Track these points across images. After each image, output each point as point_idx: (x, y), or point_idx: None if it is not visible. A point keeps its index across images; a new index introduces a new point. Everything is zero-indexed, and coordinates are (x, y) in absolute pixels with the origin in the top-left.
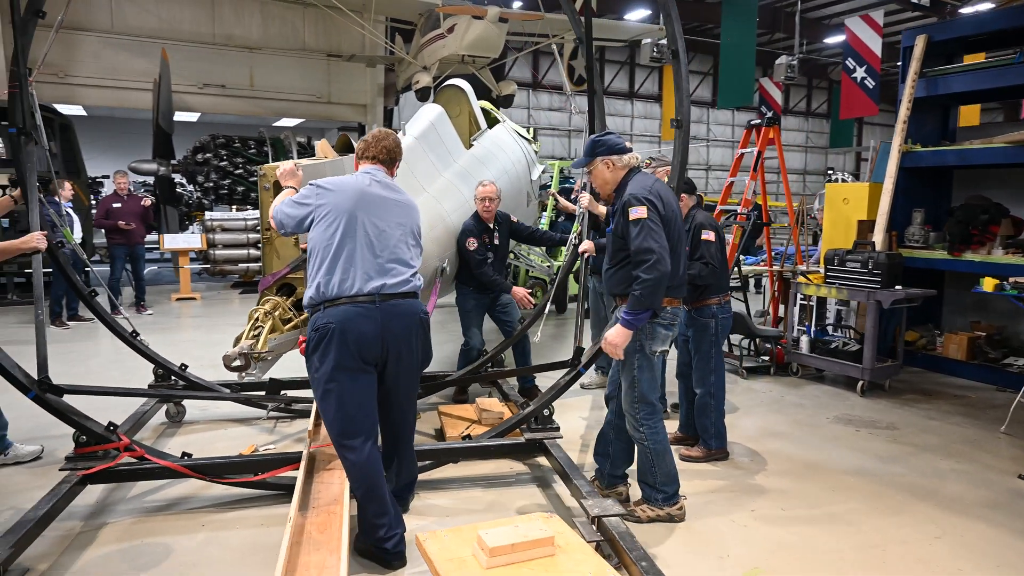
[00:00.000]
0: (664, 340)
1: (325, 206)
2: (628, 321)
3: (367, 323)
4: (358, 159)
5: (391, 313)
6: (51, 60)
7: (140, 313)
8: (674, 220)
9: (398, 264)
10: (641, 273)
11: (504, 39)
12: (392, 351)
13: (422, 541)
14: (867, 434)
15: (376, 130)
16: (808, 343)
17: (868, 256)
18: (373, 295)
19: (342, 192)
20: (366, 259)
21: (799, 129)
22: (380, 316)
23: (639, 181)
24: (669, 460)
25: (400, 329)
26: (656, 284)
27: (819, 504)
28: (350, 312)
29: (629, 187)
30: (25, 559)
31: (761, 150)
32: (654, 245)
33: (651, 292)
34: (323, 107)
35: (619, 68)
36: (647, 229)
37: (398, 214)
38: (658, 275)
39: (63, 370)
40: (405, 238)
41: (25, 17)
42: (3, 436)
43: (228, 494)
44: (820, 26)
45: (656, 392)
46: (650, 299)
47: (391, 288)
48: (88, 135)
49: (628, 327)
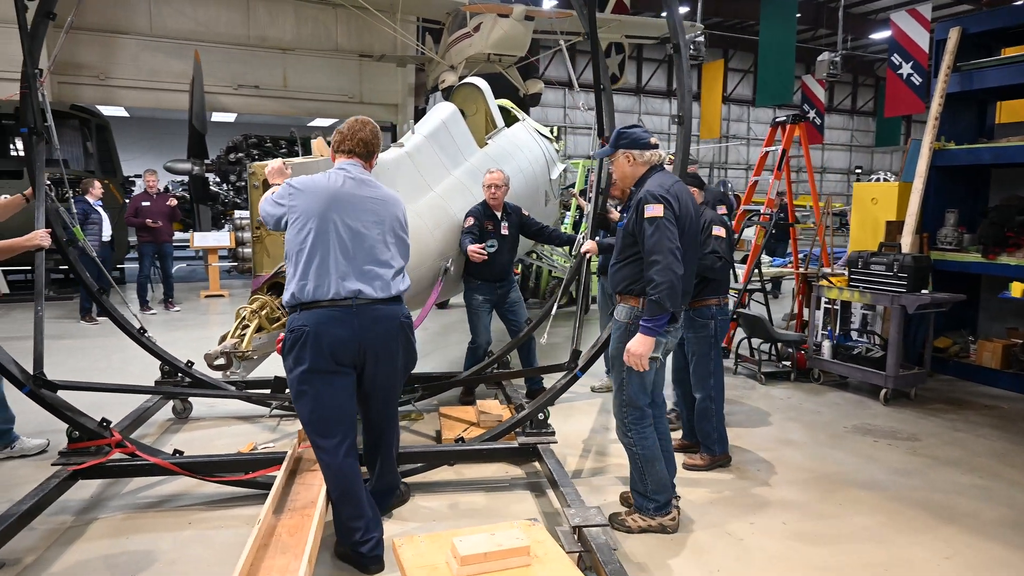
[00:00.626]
0: (658, 346)
1: (296, 208)
2: (649, 328)
3: (343, 328)
4: (334, 152)
5: (369, 318)
6: (92, 62)
7: (168, 309)
8: (689, 223)
9: (376, 266)
10: (654, 276)
11: (530, 37)
12: (370, 355)
13: (398, 546)
14: (886, 445)
15: (352, 120)
16: (830, 348)
17: (893, 258)
18: (350, 300)
19: (313, 193)
20: (340, 263)
21: (844, 128)
22: (357, 322)
23: (658, 179)
24: (660, 467)
25: (378, 334)
26: (671, 286)
27: (824, 518)
28: (325, 316)
29: (647, 184)
30: (11, 552)
31: (786, 148)
32: (668, 245)
33: (668, 294)
34: (355, 107)
35: (656, 66)
36: (662, 228)
37: (374, 211)
38: (673, 276)
39: (87, 364)
40: (383, 236)
41: (36, 19)
42: (10, 430)
43: (219, 492)
44: (866, 21)
45: (645, 397)
46: (668, 301)
47: (369, 294)
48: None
49: (650, 334)
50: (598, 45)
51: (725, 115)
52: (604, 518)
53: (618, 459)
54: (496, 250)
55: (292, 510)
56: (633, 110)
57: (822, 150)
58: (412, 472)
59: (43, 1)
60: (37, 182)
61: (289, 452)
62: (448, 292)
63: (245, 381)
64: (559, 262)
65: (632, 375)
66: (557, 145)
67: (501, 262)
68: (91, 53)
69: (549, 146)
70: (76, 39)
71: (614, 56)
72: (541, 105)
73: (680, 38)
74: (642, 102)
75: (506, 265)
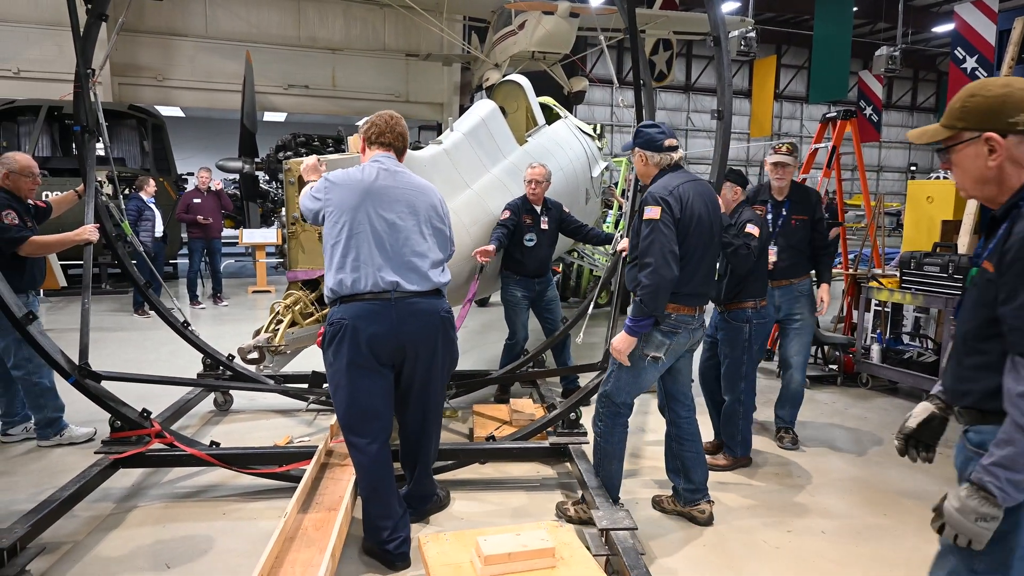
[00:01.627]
0: (659, 347)
1: (332, 201)
2: (630, 327)
3: (380, 322)
4: (369, 144)
5: (407, 312)
6: (151, 64)
7: (217, 304)
8: (696, 224)
9: (413, 258)
10: (641, 278)
11: (575, 34)
12: (409, 350)
13: (423, 543)
14: (936, 453)
15: (386, 113)
16: (879, 352)
17: (949, 259)
18: (388, 293)
19: (347, 186)
20: (376, 255)
21: (903, 125)
22: (395, 314)
23: (667, 179)
24: (615, 468)
25: (418, 329)
26: (655, 290)
27: (865, 528)
28: (363, 309)
29: (652, 185)
30: (54, 536)
31: (836, 145)
32: (656, 250)
33: (651, 298)
34: (401, 106)
35: (706, 63)
36: (656, 231)
37: (409, 202)
38: (658, 280)
39: (136, 356)
40: (419, 227)
41: (88, 21)
42: (59, 418)
43: (254, 484)
44: (927, 14)
45: (627, 397)
46: (651, 305)
47: (407, 287)
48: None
49: (630, 333)
50: (637, 40)
51: (777, 112)
52: (633, 521)
53: (652, 462)
54: (535, 244)
55: (319, 505)
56: (682, 108)
57: (879, 148)
58: (443, 470)
59: (96, 3)
60: (88, 178)
61: (320, 446)
62: (486, 289)
63: (284, 376)
64: (600, 261)
65: (624, 371)
66: (600, 143)
67: (539, 257)
68: (150, 55)
69: (591, 144)
70: (136, 42)
71: (662, 53)
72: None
73: (721, 31)
74: (691, 99)
75: (544, 260)
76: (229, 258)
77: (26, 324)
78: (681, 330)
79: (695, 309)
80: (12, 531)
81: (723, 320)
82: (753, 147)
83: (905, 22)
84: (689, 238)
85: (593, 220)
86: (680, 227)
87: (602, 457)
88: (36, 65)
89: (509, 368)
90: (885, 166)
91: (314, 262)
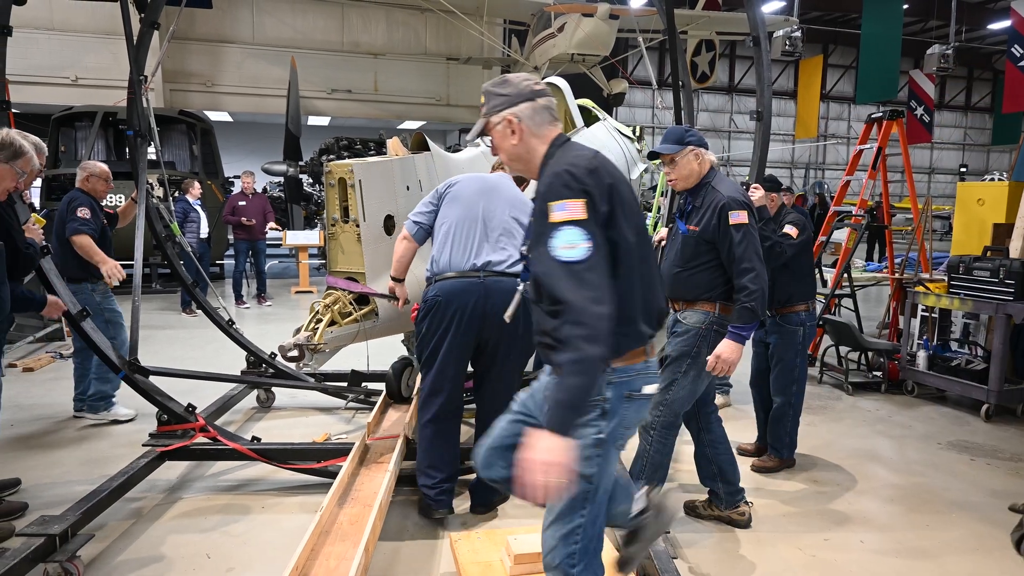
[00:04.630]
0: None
1: (449, 194)
2: (742, 336)
3: (469, 296)
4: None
5: (493, 289)
6: (200, 71)
7: (261, 304)
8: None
9: (507, 238)
10: (748, 284)
11: (614, 36)
12: (493, 323)
13: (454, 541)
14: (984, 464)
15: None
16: (926, 359)
17: (1000, 264)
18: (479, 271)
19: (465, 181)
20: (473, 239)
21: (956, 125)
22: (483, 289)
23: (728, 184)
24: (659, 475)
25: (502, 305)
26: (763, 294)
27: (907, 540)
28: (456, 286)
29: (721, 188)
30: (101, 524)
31: (882, 146)
32: (753, 253)
33: (761, 302)
34: (442, 109)
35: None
36: (749, 236)
37: (509, 200)
38: (763, 284)
39: (182, 353)
40: (516, 216)
41: (141, 29)
42: (111, 396)
43: (293, 479)
44: (982, 11)
45: (685, 406)
46: (761, 310)
47: (496, 265)
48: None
49: (741, 342)
50: (676, 41)
51: (823, 113)
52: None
53: (685, 465)
54: None
55: (355, 500)
56: (725, 109)
57: (931, 149)
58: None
59: (148, 12)
60: (139, 181)
61: (356, 443)
62: None
63: (324, 374)
64: None
65: (685, 380)
66: (639, 145)
67: None
68: (200, 62)
69: (630, 146)
70: (187, 49)
71: (704, 54)
72: (628, 105)
73: (760, 31)
74: (734, 101)
75: None
76: (273, 259)
77: (80, 320)
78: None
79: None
80: (64, 518)
81: (776, 324)
82: (799, 148)
83: (958, 19)
84: None
85: None
86: None
87: (649, 464)
88: (92, 73)
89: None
90: (937, 168)
91: (353, 263)
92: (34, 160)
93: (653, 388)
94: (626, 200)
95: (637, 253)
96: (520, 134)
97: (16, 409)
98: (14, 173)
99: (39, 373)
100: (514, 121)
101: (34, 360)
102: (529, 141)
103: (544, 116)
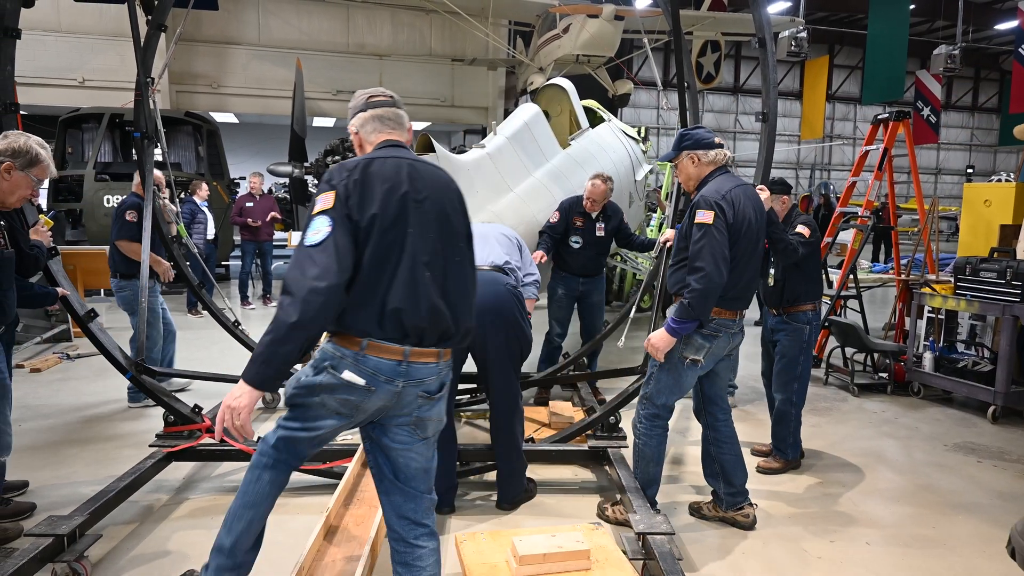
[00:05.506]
0: (699, 350)
1: None
2: (671, 328)
3: None
4: None
5: (481, 279)
6: (206, 72)
7: (266, 304)
8: (746, 230)
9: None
10: (692, 281)
11: (620, 37)
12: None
13: (460, 542)
14: (991, 466)
15: None
16: (932, 360)
17: (1006, 265)
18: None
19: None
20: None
21: (963, 126)
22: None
23: (718, 183)
24: (653, 470)
25: (486, 295)
26: (704, 295)
27: (913, 542)
28: None
29: (704, 188)
30: (109, 525)
31: (888, 147)
32: (708, 254)
33: (699, 302)
34: (447, 110)
35: (755, 65)
36: (708, 236)
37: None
38: (708, 285)
39: (188, 354)
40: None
41: (149, 31)
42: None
43: (299, 480)
44: (990, 11)
45: (667, 399)
46: (698, 309)
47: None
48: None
49: (672, 334)
50: (681, 42)
51: (829, 114)
52: (670, 526)
53: (692, 467)
54: (580, 247)
55: (360, 501)
56: (730, 110)
57: (937, 150)
58: (483, 470)
59: (155, 14)
60: (147, 183)
61: (362, 445)
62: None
63: None
64: (643, 264)
65: (663, 372)
66: (644, 146)
67: (585, 256)
68: (206, 64)
69: (635, 147)
70: (193, 51)
71: (710, 55)
72: (633, 106)
73: (766, 32)
74: (739, 101)
75: (588, 260)
76: (279, 260)
77: (88, 322)
78: (722, 334)
79: (736, 313)
80: (72, 519)
81: (783, 322)
82: (804, 149)
83: (965, 19)
84: (739, 243)
85: (637, 224)
86: (731, 232)
87: (640, 459)
88: (99, 74)
89: (550, 371)
90: (944, 168)
91: None
92: (51, 168)
93: None
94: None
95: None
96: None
97: (23, 410)
98: (30, 181)
99: (46, 374)
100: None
101: (41, 361)
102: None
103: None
